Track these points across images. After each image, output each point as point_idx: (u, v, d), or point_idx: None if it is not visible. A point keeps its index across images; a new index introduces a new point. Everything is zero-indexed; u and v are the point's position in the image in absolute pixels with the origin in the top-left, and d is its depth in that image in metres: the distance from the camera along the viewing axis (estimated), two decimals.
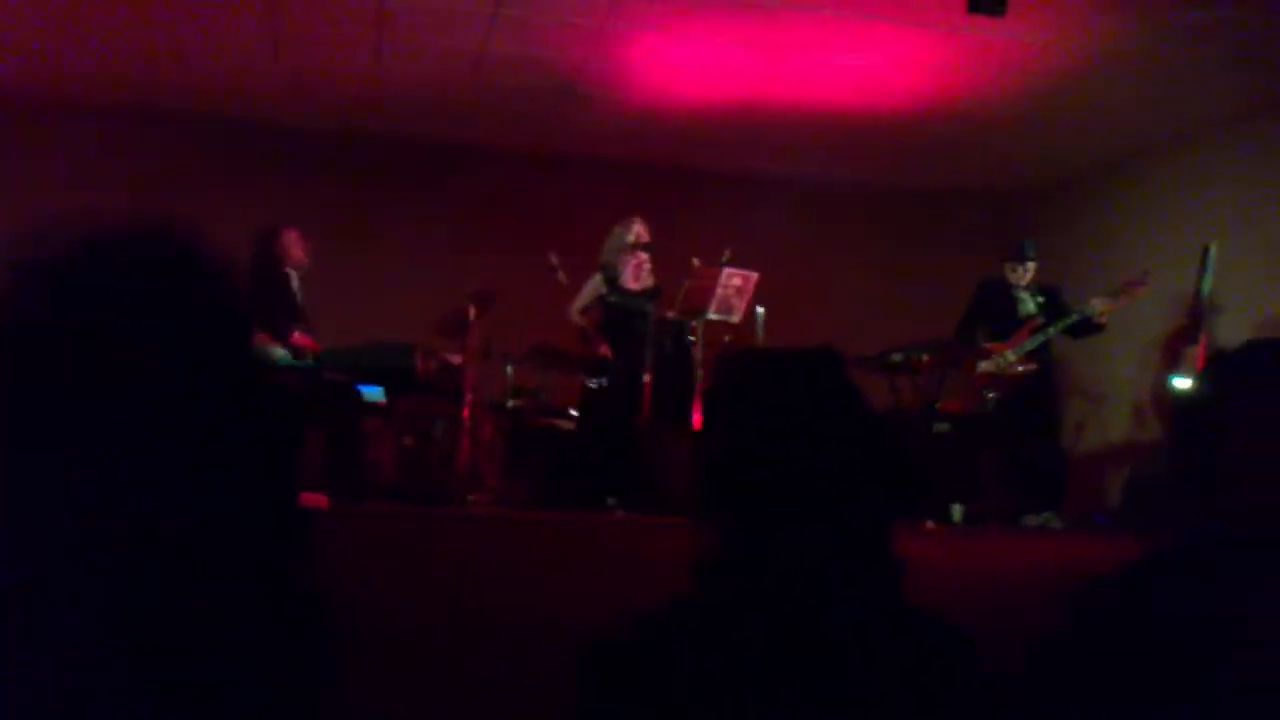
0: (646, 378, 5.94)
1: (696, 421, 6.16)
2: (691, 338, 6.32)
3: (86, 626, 0.86)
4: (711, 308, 6.22)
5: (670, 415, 6.03)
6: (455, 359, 6.31)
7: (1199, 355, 6.57)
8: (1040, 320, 6.54)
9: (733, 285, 6.28)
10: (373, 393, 6.11)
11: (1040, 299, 6.64)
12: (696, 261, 6.38)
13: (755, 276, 6.31)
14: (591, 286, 6.38)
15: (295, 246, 6.02)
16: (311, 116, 8.07)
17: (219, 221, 1.03)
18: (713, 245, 6.44)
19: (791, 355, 1.50)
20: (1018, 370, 6.49)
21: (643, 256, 6.32)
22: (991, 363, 6.53)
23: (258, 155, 8.09)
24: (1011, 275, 6.67)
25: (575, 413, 6.61)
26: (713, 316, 6.26)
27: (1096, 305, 6.41)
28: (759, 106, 7.57)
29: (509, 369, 6.73)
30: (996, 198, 9.37)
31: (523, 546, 4.20)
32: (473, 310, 6.13)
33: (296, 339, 5.79)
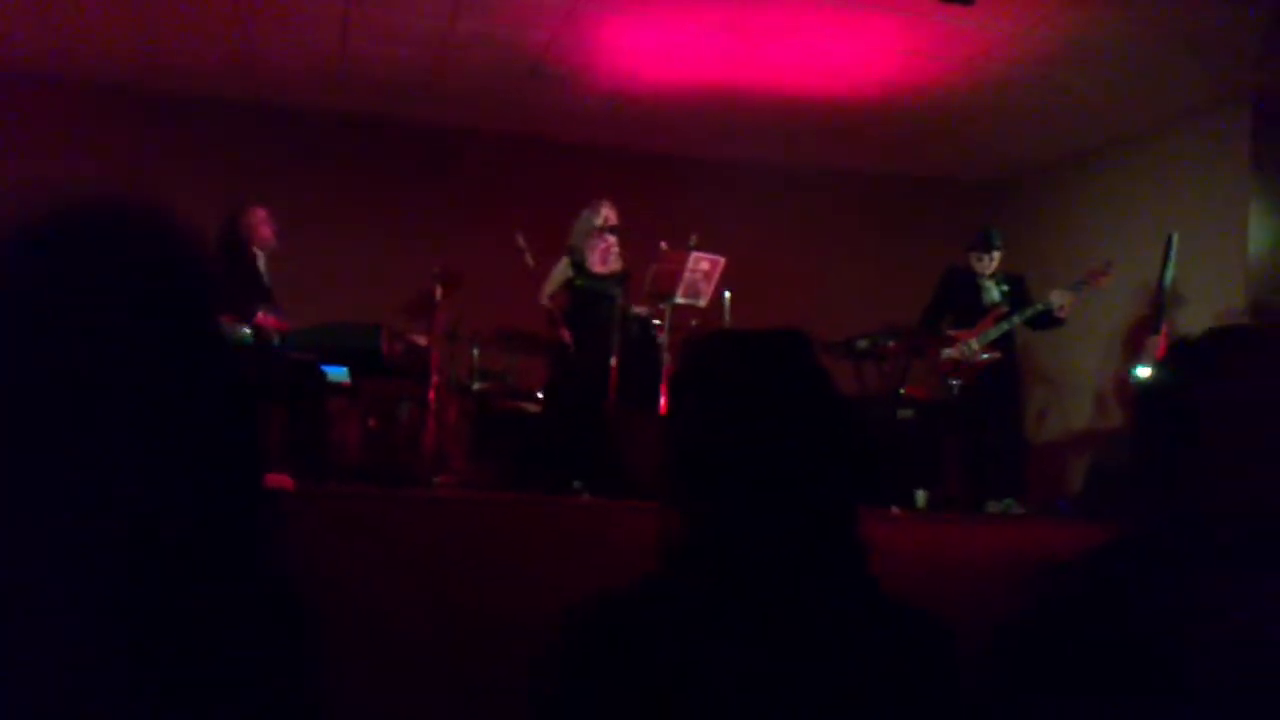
0: (613, 362, 5.93)
1: (663, 406, 6.18)
2: (658, 321, 6.32)
3: (52, 612, 0.85)
4: (679, 292, 6.22)
5: (636, 399, 6.03)
6: (421, 340, 6.28)
7: (1160, 344, 6.64)
8: (1005, 309, 6.59)
9: (700, 269, 6.28)
10: (338, 373, 6.08)
11: (1005, 288, 6.69)
12: (664, 245, 6.38)
13: (722, 261, 6.32)
14: (559, 270, 6.35)
15: (263, 225, 5.98)
16: (277, 95, 7.99)
17: (182, 199, 1.01)
18: (680, 229, 6.44)
19: (759, 336, 1.50)
20: (982, 358, 6.54)
21: (610, 240, 6.31)
22: (956, 350, 6.57)
23: (223, 133, 8.00)
24: (977, 264, 6.71)
25: (541, 396, 6.60)
26: (680, 300, 6.26)
27: (1055, 299, 6.46)
28: (728, 91, 7.56)
29: (475, 351, 6.71)
30: (963, 186, 9.42)
31: (488, 529, 4.19)
32: (439, 291, 6.10)
33: (260, 319, 5.74)
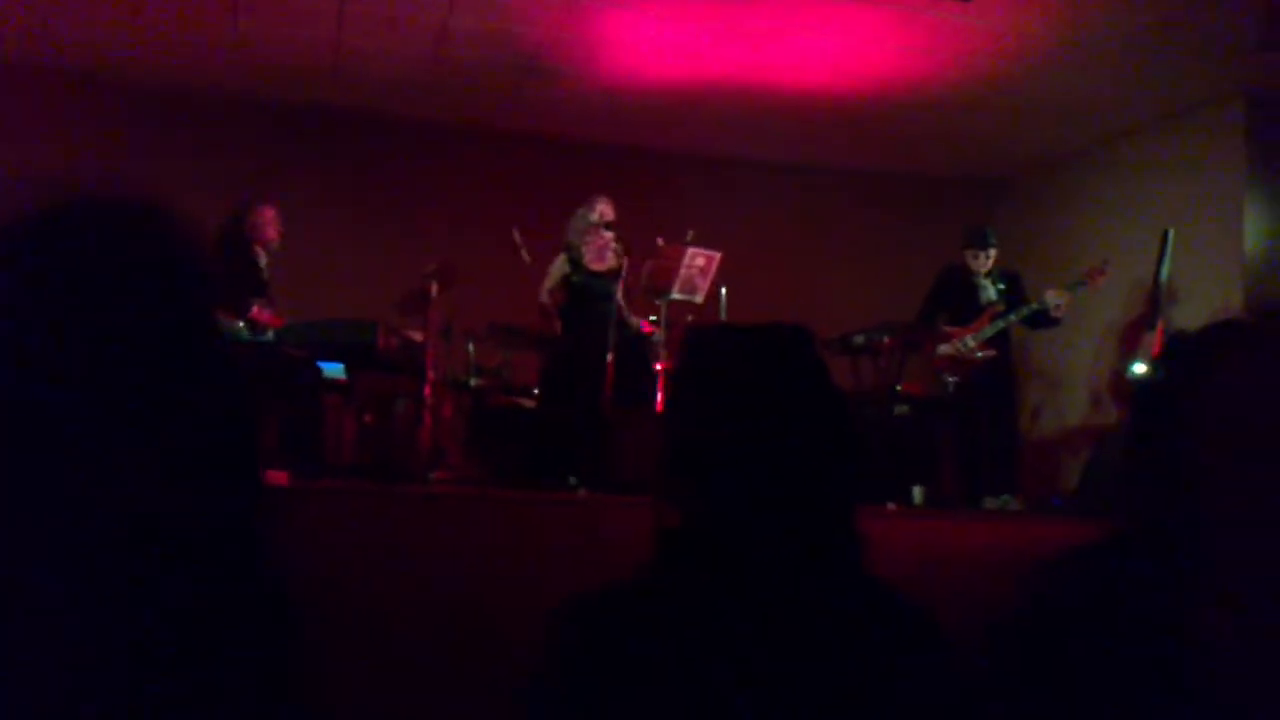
0: (609, 357, 5.92)
1: (656, 403, 6.18)
2: (650, 325, 6.33)
3: (51, 612, 0.85)
4: (675, 287, 6.22)
5: (629, 396, 6.03)
6: (417, 336, 6.27)
7: (1157, 341, 6.65)
8: (1000, 307, 6.60)
9: (696, 265, 6.28)
10: (333, 369, 6.07)
11: (1001, 286, 6.69)
12: (660, 241, 6.37)
13: (718, 256, 6.32)
14: (557, 266, 6.35)
15: (269, 226, 6.02)
16: (272, 89, 7.97)
17: (174, 193, 1.01)
18: (676, 225, 6.44)
19: (758, 331, 1.50)
20: (977, 355, 6.54)
21: (606, 236, 6.29)
22: (951, 347, 6.58)
23: (216, 128, 7.97)
24: (972, 262, 6.70)
25: (538, 392, 6.59)
26: (676, 296, 6.26)
27: (1050, 299, 6.46)
28: (724, 87, 7.56)
29: (471, 347, 6.70)
30: (959, 183, 9.42)
31: (484, 525, 4.19)
32: (434, 287, 6.09)
33: (255, 313, 5.74)
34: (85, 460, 0.87)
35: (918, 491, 6.22)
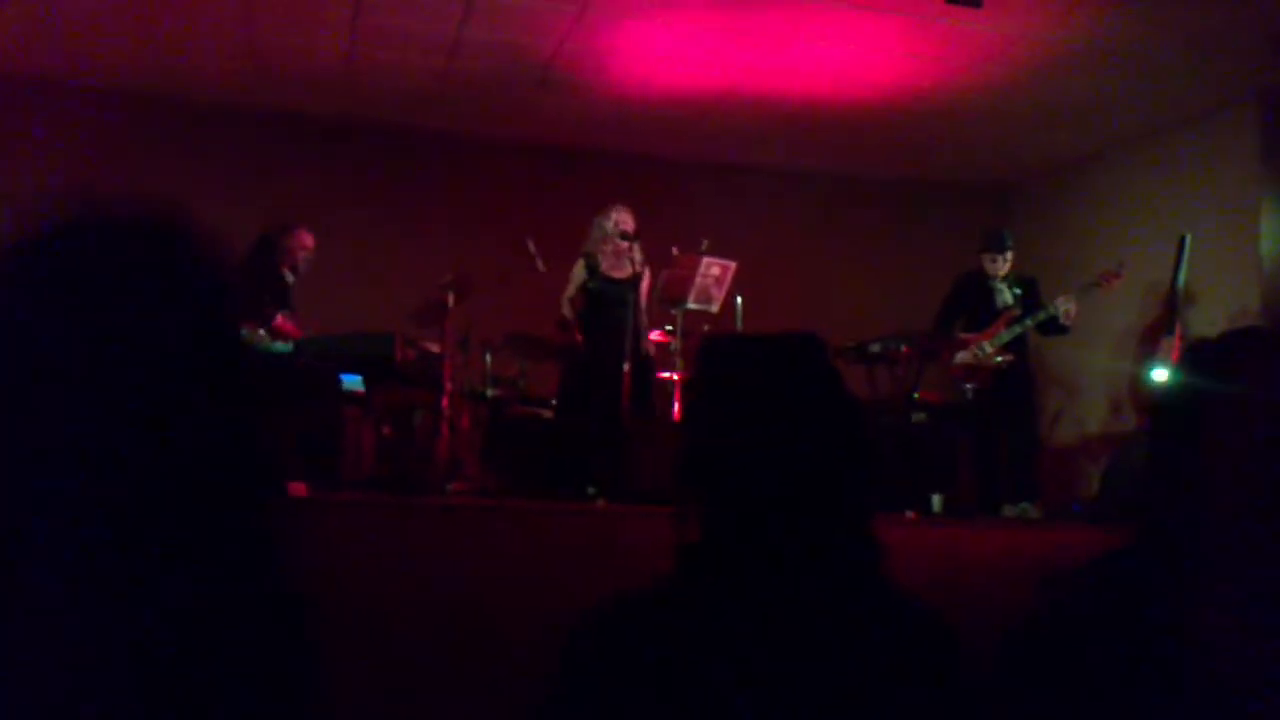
0: (626, 367, 5.92)
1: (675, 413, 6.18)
2: (673, 332, 6.34)
3: (66, 614, 0.85)
4: (690, 297, 6.22)
5: (641, 405, 6.05)
6: (434, 347, 6.29)
7: (1175, 346, 6.61)
8: (1017, 312, 6.57)
9: (711, 275, 6.28)
10: (351, 381, 6.08)
11: (1017, 291, 6.66)
12: (676, 251, 6.38)
13: (733, 266, 6.32)
14: (576, 273, 6.37)
15: (301, 250, 6.18)
16: (286, 103, 8.01)
17: (190, 206, 1.02)
18: (691, 234, 6.44)
19: (773, 341, 1.50)
20: (995, 361, 6.52)
21: (622, 245, 6.30)
22: (969, 354, 6.56)
23: (231, 140, 8.01)
24: (990, 265, 6.68)
25: (555, 401, 6.60)
26: (692, 306, 6.26)
27: (1060, 305, 6.43)
28: (737, 96, 7.57)
29: (488, 358, 6.72)
30: (973, 189, 9.40)
31: (502, 536, 4.19)
32: (451, 298, 6.11)
33: (279, 323, 5.80)
34: (105, 470, 0.87)
35: (936, 499, 6.19)
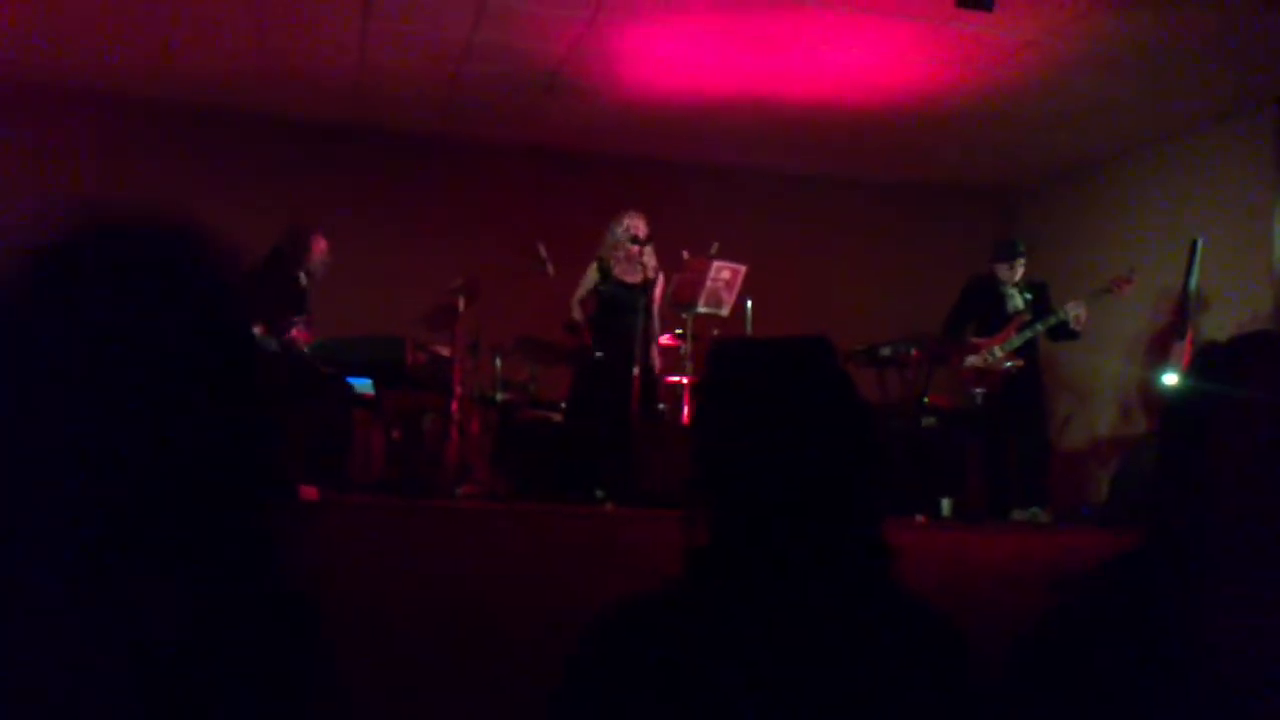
0: (636, 370, 5.93)
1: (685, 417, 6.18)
2: (683, 335, 6.34)
3: (78, 617, 0.85)
4: (700, 301, 6.23)
5: (649, 409, 6.06)
6: (444, 351, 6.30)
7: (1186, 350, 6.59)
8: (1028, 317, 6.56)
9: (721, 278, 6.28)
10: (361, 385, 6.10)
11: (1028, 295, 6.66)
12: (686, 254, 6.38)
13: (743, 269, 6.32)
14: (588, 276, 6.39)
15: (318, 255, 6.19)
16: (296, 108, 8.04)
17: (201, 211, 1.02)
18: (701, 238, 6.44)
19: (784, 344, 1.50)
20: (1005, 366, 6.51)
21: (634, 250, 6.30)
22: (979, 358, 6.55)
23: (242, 146, 8.03)
24: (1005, 274, 6.68)
25: (565, 405, 6.60)
26: (702, 310, 6.26)
27: (1071, 311, 6.41)
28: (747, 100, 7.57)
29: (497, 362, 6.72)
30: (984, 193, 9.39)
31: (512, 539, 4.20)
32: (461, 302, 6.12)
33: (295, 334, 5.81)
34: (112, 470, 0.87)
35: (946, 503, 6.19)
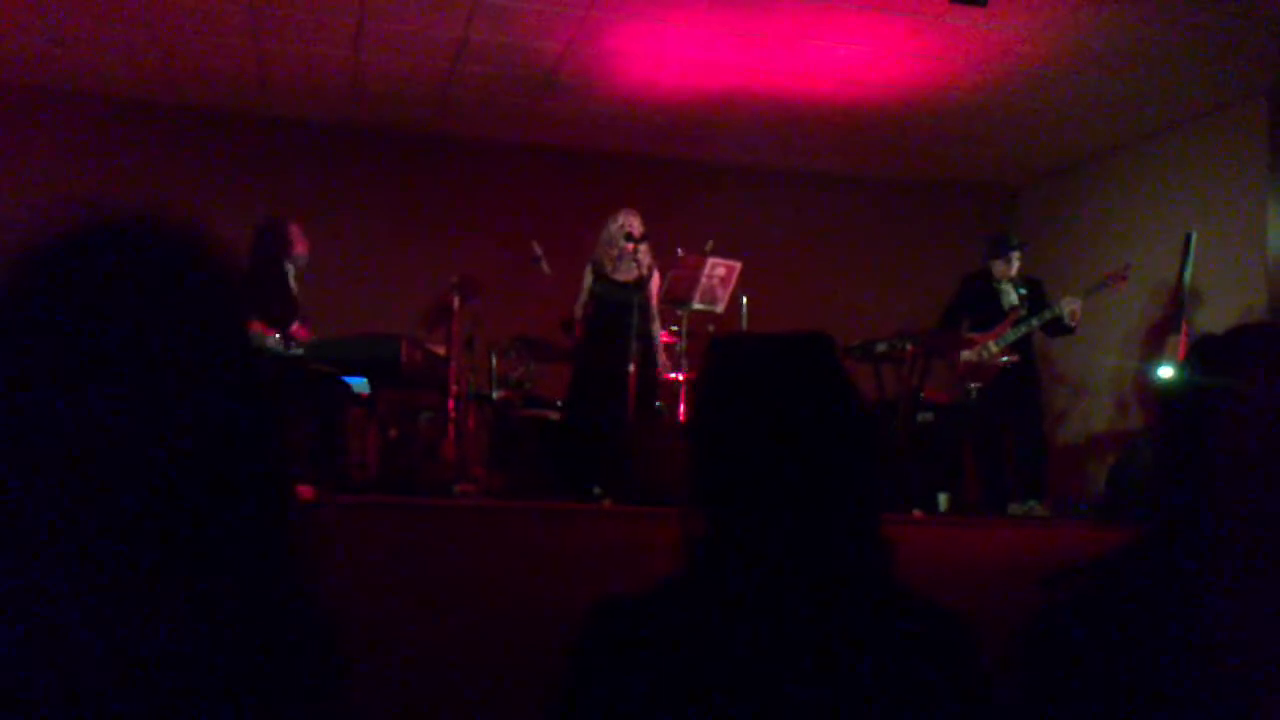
0: (631, 368, 5.93)
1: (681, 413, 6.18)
2: (679, 332, 6.33)
3: (80, 612, 0.86)
4: (696, 297, 6.23)
5: (646, 406, 6.06)
6: (440, 350, 6.29)
7: (1181, 344, 6.61)
8: (1023, 312, 6.58)
9: (717, 275, 6.29)
10: (357, 384, 6.09)
11: (1023, 291, 6.67)
12: (680, 251, 6.38)
13: (738, 266, 6.33)
14: (585, 280, 6.40)
15: (298, 241, 6.07)
16: (291, 107, 8.03)
17: (198, 212, 1.02)
18: (696, 235, 6.44)
19: (782, 340, 1.50)
20: (1000, 361, 6.52)
21: (628, 247, 6.31)
22: (974, 353, 6.56)
23: (237, 146, 8.04)
24: (1002, 269, 6.70)
25: (561, 403, 6.60)
26: (697, 306, 6.27)
27: (1066, 306, 6.43)
28: (742, 97, 7.57)
29: (493, 360, 6.72)
30: (978, 189, 9.40)
31: (509, 537, 4.20)
32: (456, 300, 6.12)
33: (295, 330, 5.81)
34: (114, 472, 0.88)
35: (943, 498, 6.20)
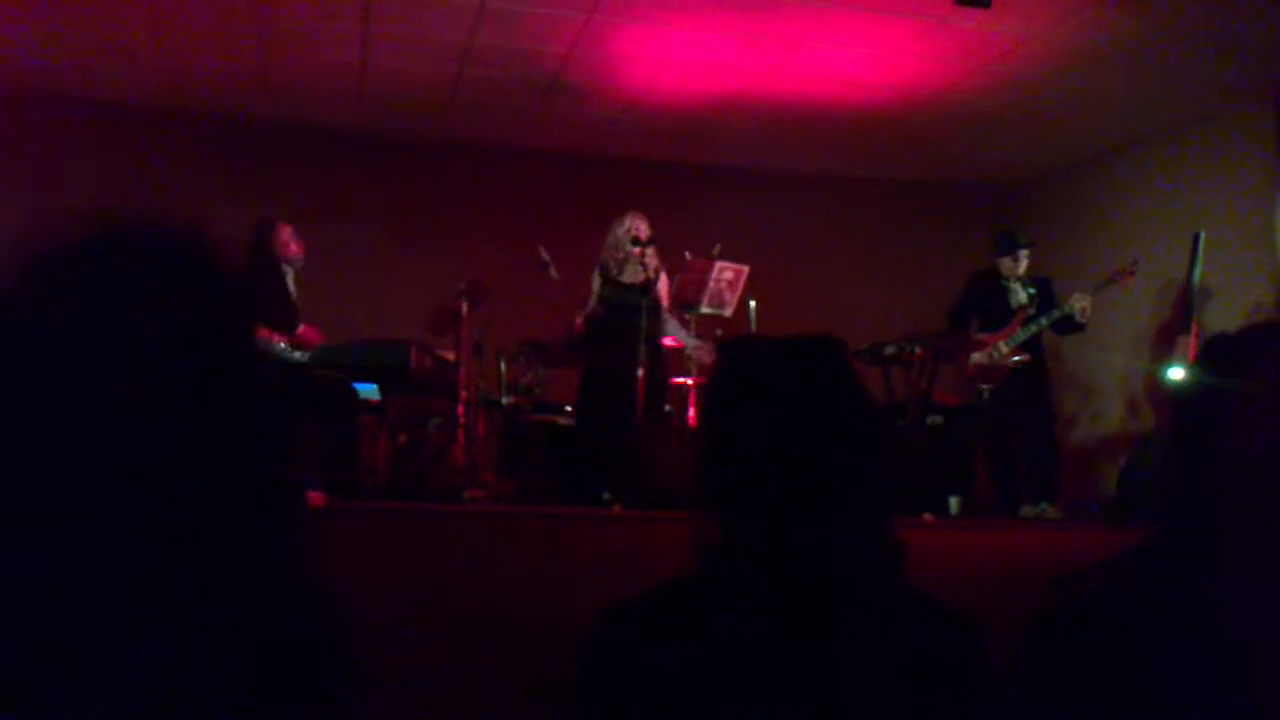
0: (640, 372, 5.92)
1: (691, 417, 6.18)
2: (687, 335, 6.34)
3: (94, 626, 0.85)
4: (704, 301, 6.23)
5: (655, 410, 6.06)
6: (449, 356, 6.30)
7: (1191, 344, 6.58)
8: (1032, 311, 6.55)
9: (724, 279, 6.29)
10: (367, 390, 6.10)
11: (1032, 290, 6.64)
12: (688, 255, 6.38)
13: (746, 269, 6.32)
14: (594, 283, 6.41)
15: (291, 242, 6.03)
16: (298, 112, 8.05)
17: (204, 217, 1.02)
18: (704, 239, 6.44)
19: (792, 342, 1.50)
20: (1010, 361, 6.50)
21: (634, 250, 6.31)
22: (984, 355, 6.54)
23: (244, 152, 8.06)
24: (1006, 268, 6.67)
25: (570, 408, 6.61)
26: (705, 310, 6.26)
27: (1075, 303, 6.40)
28: (747, 100, 7.57)
29: (502, 365, 6.73)
30: (986, 190, 9.39)
31: (519, 542, 4.20)
32: (465, 306, 6.12)
33: (302, 332, 5.81)
34: (121, 479, 0.88)
35: (954, 501, 6.18)
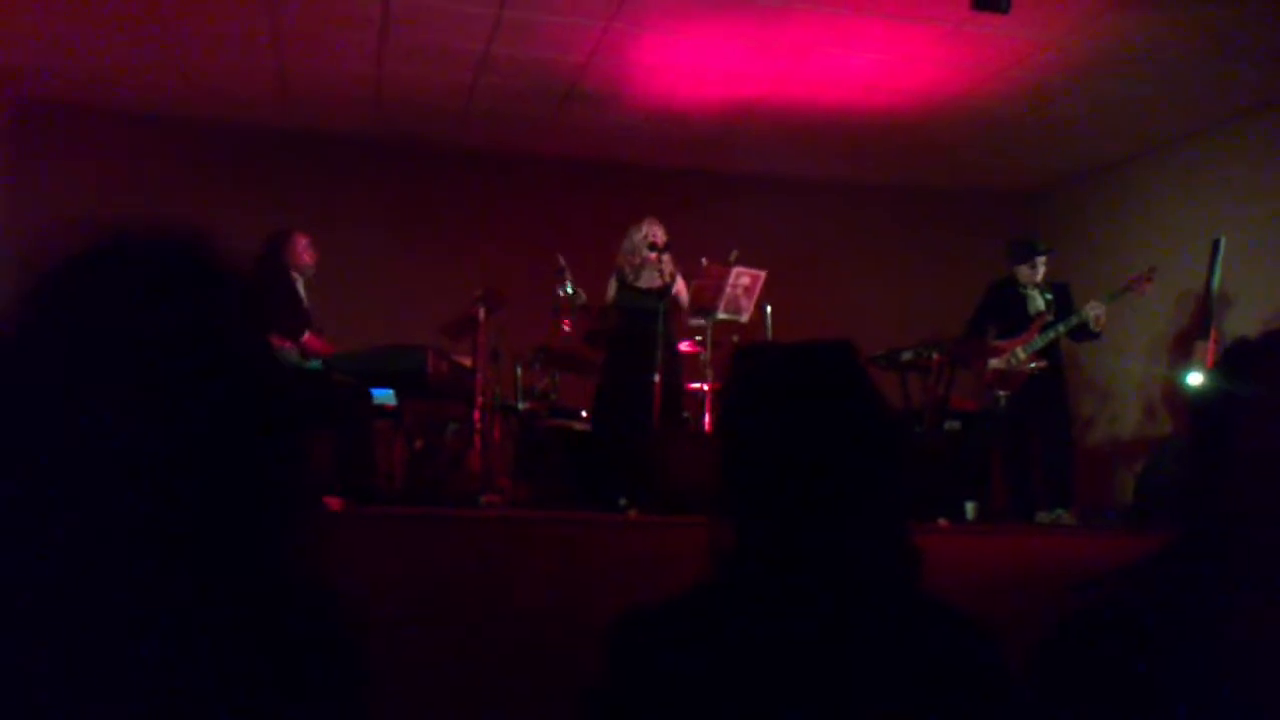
0: (656, 378, 5.93)
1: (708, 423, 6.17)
2: (703, 342, 6.34)
3: (98, 626, 0.86)
4: (720, 307, 6.22)
5: (672, 415, 6.06)
6: (465, 361, 6.31)
7: (1210, 350, 6.55)
8: (1049, 317, 6.53)
9: (741, 284, 6.28)
10: (383, 395, 6.11)
11: (1049, 296, 6.62)
12: (705, 261, 6.38)
13: (763, 275, 6.31)
14: (610, 289, 6.41)
15: (305, 252, 6.05)
16: (315, 120, 8.09)
17: (221, 226, 1.03)
18: (720, 244, 6.43)
19: (808, 348, 1.50)
20: (1028, 368, 6.48)
21: (650, 256, 6.32)
22: (1002, 360, 6.52)
23: (261, 159, 8.10)
24: (1023, 275, 6.65)
25: (586, 414, 6.61)
26: (721, 316, 6.26)
27: (1091, 311, 6.37)
28: (764, 106, 7.57)
29: (518, 371, 6.75)
30: (1004, 195, 9.36)
31: (536, 548, 4.20)
32: (482, 312, 6.14)
33: (308, 339, 5.81)
34: (136, 485, 0.88)
35: (970, 507, 6.16)
